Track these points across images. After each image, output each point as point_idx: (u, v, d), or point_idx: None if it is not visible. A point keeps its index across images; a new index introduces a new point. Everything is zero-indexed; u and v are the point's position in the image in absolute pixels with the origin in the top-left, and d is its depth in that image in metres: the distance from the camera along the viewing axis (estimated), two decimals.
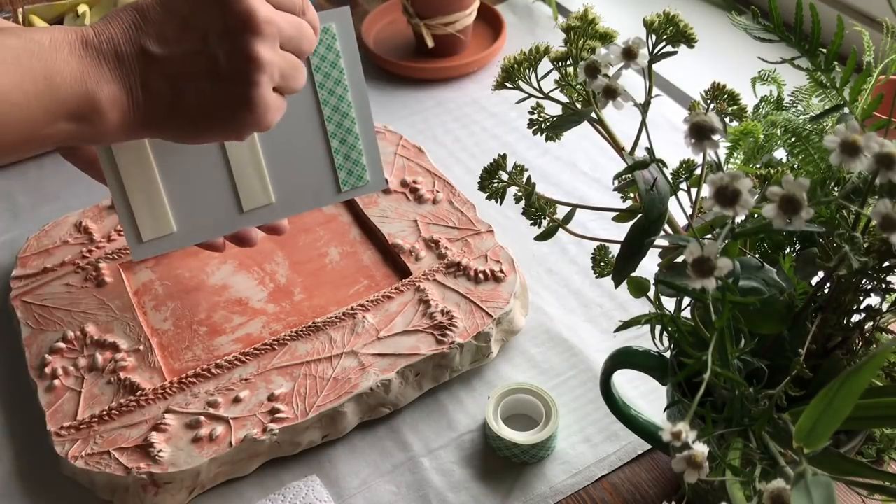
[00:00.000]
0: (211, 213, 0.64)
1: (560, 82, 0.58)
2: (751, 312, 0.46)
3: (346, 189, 0.67)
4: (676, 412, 0.55)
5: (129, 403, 0.69)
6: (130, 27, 0.51)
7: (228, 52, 0.51)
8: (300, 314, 0.77)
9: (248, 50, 0.51)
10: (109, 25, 0.51)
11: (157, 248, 0.64)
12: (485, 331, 0.72)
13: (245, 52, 0.51)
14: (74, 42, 0.50)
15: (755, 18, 0.56)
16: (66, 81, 0.49)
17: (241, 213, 0.64)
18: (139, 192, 0.62)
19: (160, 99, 0.52)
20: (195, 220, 0.63)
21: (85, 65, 0.50)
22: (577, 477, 0.67)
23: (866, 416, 0.45)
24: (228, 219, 0.64)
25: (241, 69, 0.52)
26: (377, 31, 1.14)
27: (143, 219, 0.62)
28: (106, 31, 0.51)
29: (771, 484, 0.38)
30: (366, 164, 0.66)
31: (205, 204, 0.63)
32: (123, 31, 0.51)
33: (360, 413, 0.70)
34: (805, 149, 0.59)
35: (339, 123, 0.65)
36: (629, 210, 0.57)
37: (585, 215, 0.77)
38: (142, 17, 0.52)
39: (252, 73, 0.52)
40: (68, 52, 0.50)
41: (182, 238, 0.64)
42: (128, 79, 0.51)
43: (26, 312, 0.78)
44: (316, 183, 0.65)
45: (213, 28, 0.51)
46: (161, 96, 0.52)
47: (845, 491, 0.60)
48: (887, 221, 0.38)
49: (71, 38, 0.50)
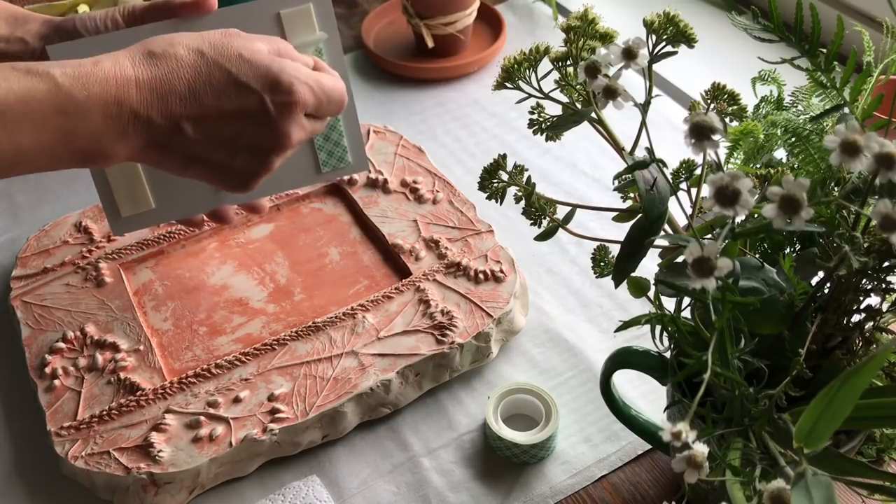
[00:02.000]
0: (189, 190, 0.65)
1: (560, 82, 0.58)
2: (751, 312, 0.46)
3: (327, 170, 0.68)
4: (676, 412, 0.55)
5: (129, 403, 0.69)
6: (175, 101, 0.51)
7: (249, 157, 0.55)
8: (300, 314, 0.77)
9: (268, 165, 0.56)
10: (155, 91, 0.51)
11: (136, 224, 0.65)
12: (485, 331, 0.72)
13: (263, 165, 0.56)
14: (111, 101, 0.49)
15: (755, 18, 0.56)
16: (84, 137, 0.50)
17: (219, 191, 0.65)
18: (117, 169, 0.62)
19: (170, 161, 0.54)
20: (173, 197, 0.64)
21: (110, 125, 0.50)
22: (577, 477, 0.67)
23: (866, 416, 0.45)
24: (206, 197, 0.65)
25: (252, 172, 0.56)
26: (377, 31, 1.14)
27: (121, 195, 0.63)
28: (149, 97, 0.51)
29: (771, 484, 0.38)
30: (347, 145, 0.67)
31: (183, 182, 0.64)
32: (166, 104, 0.51)
33: (360, 413, 0.70)
34: (805, 149, 0.59)
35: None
36: (629, 210, 0.57)
37: (585, 215, 0.77)
38: (191, 94, 0.52)
39: (260, 176, 0.57)
40: (100, 111, 0.49)
41: (160, 214, 0.65)
42: (148, 141, 0.52)
43: (26, 312, 0.78)
44: (295, 163, 0.65)
45: (248, 134, 0.54)
46: (172, 161, 0.54)
47: (845, 491, 0.60)
48: (887, 221, 0.38)
49: (109, 96, 0.49)
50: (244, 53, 0.53)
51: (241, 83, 0.53)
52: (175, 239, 0.83)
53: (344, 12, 1.19)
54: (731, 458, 0.43)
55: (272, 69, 0.54)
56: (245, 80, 0.53)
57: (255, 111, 0.53)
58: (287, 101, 0.54)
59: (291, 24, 0.63)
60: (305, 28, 0.64)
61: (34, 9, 0.89)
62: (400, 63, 1.08)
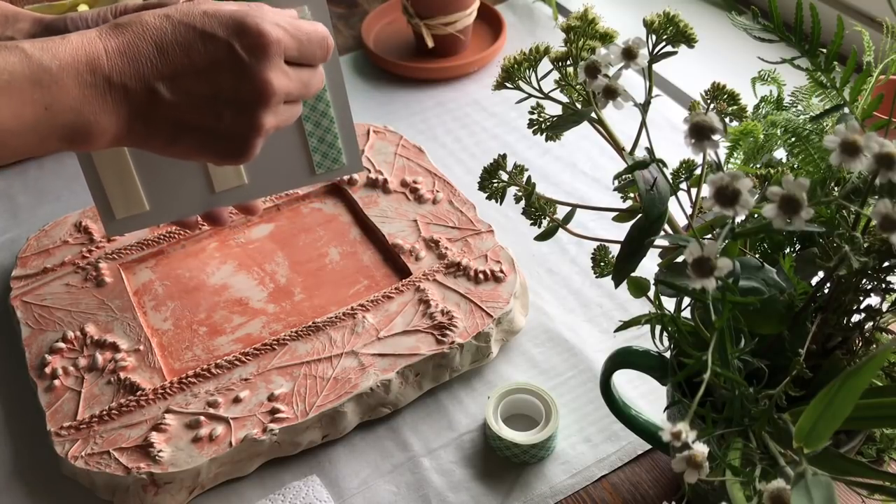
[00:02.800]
0: (183, 192, 0.64)
1: (560, 82, 0.58)
2: (751, 312, 0.46)
3: (321, 172, 0.67)
4: (676, 412, 0.55)
5: (129, 403, 0.69)
6: (145, 62, 0.51)
7: (235, 115, 0.53)
8: (300, 314, 0.77)
9: (255, 120, 0.54)
10: (124, 55, 0.51)
11: (130, 226, 0.65)
12: (485, 331, 0.72)
13: (251, 121, 0.54)
14: (83, 69, 0.49)
15: (755, 18, 0.56)
16: (66, 110, 0.49)
17: (213, 193, 0.65)
18: (110, 171, 0.62)
19: (157, 133, 0.53)
20: (167, 199, 0.64)
21: (87, 95, 0.50)
22: (577, 477, 0.67)
23: (866, 416, 0.45)
24: (200, 199, 0.65)
25: (242, 133, 0.54)
26: (377, 31, 1.14)
27: (115, 196, 0.63)
28: (119, 62, 0.50)
29: (771, 484, 0.38)
30: (341, 147, 0.66)
31: (176, 184, 0.64)
32: (137, 67, 0.51)
33: (360, 413, 0.70)
34: (805, 149, 0.59)
35: (312, 107, 0.65)
36: (629, 210, 0.57)
37: (585, 215, 0.77)
38: (159, 53, 0.51)
39: (252, 137, 0.54)
40: (74, 80, 0.49)
41: (154, 216, 0.65)
42: (129, 111, 0.51)
43: (26, 312, 0.78)
44: (288, 165, 0.65)
45: (227, 88, 0.53)
46: (159, 132, 0.53)
47: (845, 491, 0.60)
48: (887, 221, 0.38)
49: (80, 63, 0.49)
50: (208, 10, 0.53)
51: (207, 34, 0.52)
52: (175, 239, 0.83)
53: (344, 12, 1.19)
54: (731, 458, 0.43)
55: (236, 15, 0.52)
56: (210, 31, 0.52)
57: (227, 60, 0.52)
58: (257, 42, 0.52)
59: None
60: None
61: (34, 9, 0.89)
62: (400, 63, 1.08)
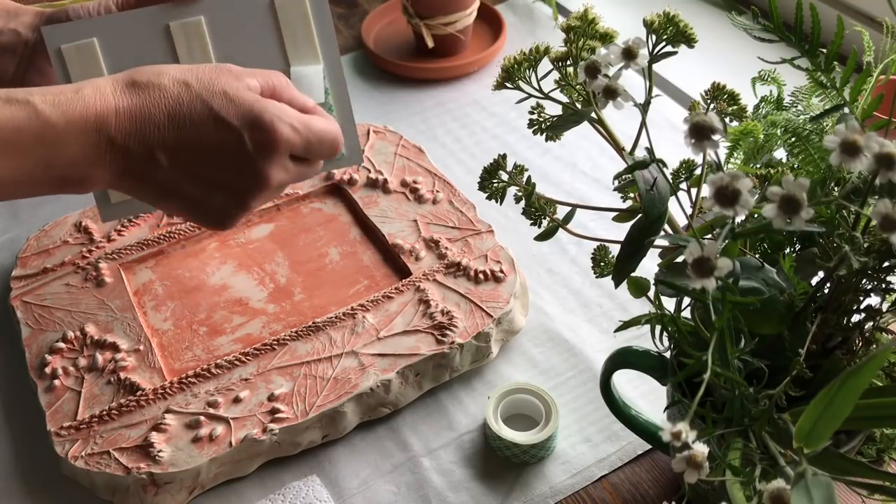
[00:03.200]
0: None
1: (560, 82, 0.58)
2: (751, 312, 0.46)
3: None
4: (676, 412, 0.55)
5: (129, 403, 0.69)
6: (153, 130, 0.51)
7: (226, 198, 0.54)
8: (300, 314, 0.77)
9: (245, 204, 0.55)
10: (134, 119, 0.51)
11: (125, 210, 0.65)
12: (485, 331, 0.72)
13: (240, 205, 0.55)
14: (89, 128, 0.49)
15: (755, 18, 0.56)
16: (63, 165, 0.50)
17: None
18: None
19: (147, 191, 0.54)
20: None
21: (88, 151, 0.50)
22: (577, 477, 0.67)
23: (866, 416, 0.45)
24: None
25: (229, 213, 0.55)
26: (377, 31, 1.14)
27: None
28: (127, 124, 0.50)
29: (771, 484, 0.38)
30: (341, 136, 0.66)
31: None
32: (144, 132, 0.51)
33: (360, 413, 0.70)
34: (805, 149, 0.59)
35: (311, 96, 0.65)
36: (629, 210, 0.57)
37: (585, 215, 0.77)
38: (170, 123, 0.51)
39: (237, 216, 0.56)
40: (78, 138, 0.49)
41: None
42: (125, 169, 0.52)
43: (26, 312, 0.78)
44: None
45: (226, 174, 0.53)
46: (149, 191, 0.54)
47: (845, 491, 0.60)
48: (887, 221, 0.38)
49: (88, 122, 0.49)
50: (229, 91, 0.53)
51: (221, 118, 0.52)
52: (175, 239, 0.83)
53: (344, 12, 1.19)
54: (731, 458, 0.43)
55: (255, 107, 0.53)
56: (225, 116, 0.52)
57: (233, 149, 0.52)
58: (267, 139, 0.53)
59: (284, 11, 0.63)
60: (298, 16, 0.63)
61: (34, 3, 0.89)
62: (400, 63, 1.08)
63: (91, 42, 0.61)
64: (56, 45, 0.61)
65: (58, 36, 0.61)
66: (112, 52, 0.62)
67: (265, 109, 0.53)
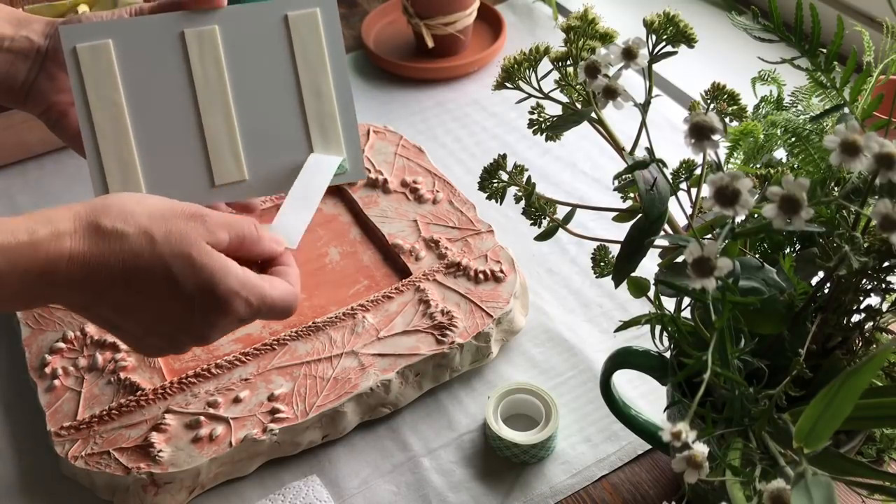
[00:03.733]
0: (182, 183, 0.64)
1: (560, 82, 0.58)
2: (751, 312, 0.46)
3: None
4: (676, 412, 0.55)
5: (129, 403, 0.69)
6: (103, 280, 0.50)
7: (163, 343, 0.56)
8: (300, 314, 0.77)
9: (180, 350, 0.57)
10: (87, 266, 0.50)
11: None
12: (485, 331, 0.72)
13: (176, 350, 0.57)
14: (33, 274, 0.49)
15: (755, 18, 0.56)
16: (8, 295, 0.50)
17: (213, 186, 0.65)
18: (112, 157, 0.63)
19: (90, 319, 0.54)
20: (166, 189, 0.64)
21: (28, 291, 0.50)
22: (577, 477, 0.67)
23: (866, 416, 0.45)
24: (199, 191, 0.65)
25: (161, 350, 0.57)
26: (377, 31, 1.14)
27: (115, 184, 0.63)
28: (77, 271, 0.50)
29: (771, 484, 0.38)
30: (345, 152, 0.66)
31: (177, 174, 0.64)
32: (92, 280, 0.50)
33: (360, 413, 0.70)
34: (805, 149, 0.59)
35: (318, 110, 0.65)
36: (629, 210, 0.57)
37: (585, 215, 0.77)
38: (123, 278, 0.51)
39: (170, 353, 0.57)
40: (19, 281, 0.49)
41: None
42: (66, 304, 0.53)
43: (26, 312, 0.78)
44: (292, 166, 0.65)
45: (167, 328, 0.54)
46: (92, 320, 0.54)
47: (845, 491, 0.60)
48: (887, 221, 0.38)
49: (32, 270, 0.49)
50: (194, 254, 0.51)
51: (177, 283, 0.51)
52: None
53: (344, 12, 1.19)
54: (731, 458, 0.43)
55: (214, 278, 0.52)
56: (181, 282, 0.51)
57: (180, 310, 0.52)
58: (218, 310, 0.53)
59: (297, 27, 0.64)
60: (310, 32, 0.64)
61: (33, 9, 0.89)
62: (400, 63, 1.08)
63: (106, 43, 0.62)
64: (71, 44, 0.61)
65: (74, 35, 0.61)
66: (126, 55, 0.62)
67: (223, 281, 0.52)
